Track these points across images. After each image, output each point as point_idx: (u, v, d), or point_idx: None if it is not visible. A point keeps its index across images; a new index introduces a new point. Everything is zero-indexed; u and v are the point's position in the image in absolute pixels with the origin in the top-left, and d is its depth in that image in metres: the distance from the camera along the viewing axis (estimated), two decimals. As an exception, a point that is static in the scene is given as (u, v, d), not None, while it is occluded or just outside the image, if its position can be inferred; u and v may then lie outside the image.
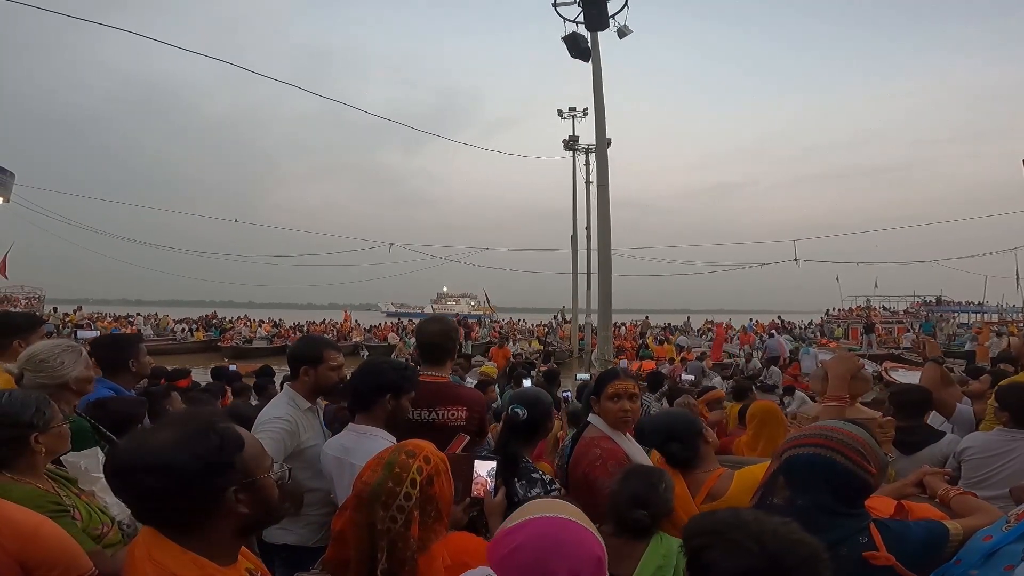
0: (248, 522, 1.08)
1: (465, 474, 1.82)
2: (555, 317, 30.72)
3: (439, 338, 2.45)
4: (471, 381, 6.62)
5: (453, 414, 2.29)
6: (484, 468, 1.83)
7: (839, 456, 1.37)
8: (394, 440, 2.01)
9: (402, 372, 2.08)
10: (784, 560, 0.94)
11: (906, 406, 2.91)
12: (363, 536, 1.36)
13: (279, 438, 2.11)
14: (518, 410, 2.08)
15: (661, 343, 20.50)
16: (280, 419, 2.18)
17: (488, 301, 28.61)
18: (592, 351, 15.56)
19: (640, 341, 23.24)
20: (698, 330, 28.16)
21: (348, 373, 2.31)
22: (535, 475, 1.96)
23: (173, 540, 1.01)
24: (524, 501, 1.80)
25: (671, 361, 15.39)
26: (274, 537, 2.23)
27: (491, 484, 1.83)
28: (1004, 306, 28.45)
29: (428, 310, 63.35)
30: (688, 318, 28.79)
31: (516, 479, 1.94)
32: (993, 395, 2.64)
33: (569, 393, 6.35)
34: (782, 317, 28.10)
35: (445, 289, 72.29)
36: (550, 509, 1.09)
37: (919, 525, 1.40)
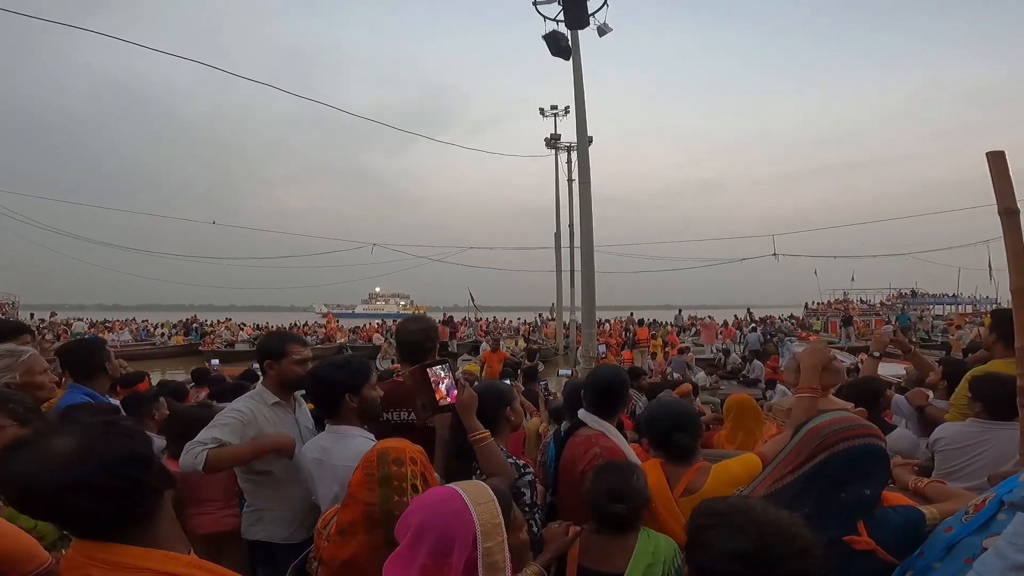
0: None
1: (426, 386, 1.87)
2: (539, 315, 30.80)
3: (417, 336, 2.44)
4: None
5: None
6: (437, 372, 1.89)
7: (883, 443, 1.39)
8: (372, 438, 2.02)
9: (348, 368, 2.06)
10: (775, 550, 0.98)
11: (859, 399, 2.82)
12: (384, 554, 1.36)
13: (227, 424, 2.13)
14: None
15: (654, 336, 20.84)
16: (235, 410, 2.21)
17: (473, 301, 28.51)
18: (577, 348, 15.62)
19: (625, 336, 23.39)
20: (682, 326, 28.37)
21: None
22: (508, 459, 1.94)
23: (127, 544, 0.98)
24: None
25: (653, 356, 15.52)
26: (247, 533, 2.29)
27: (450, 382, 1.88)
28: (978, 297, 29.10)
29: (359, 310, 63.56)
30: (680, 311, 28.84)
31: None
32: (968, 385, 2.63)
33: (545, 382, 6.40)
34: (751, 311, 28.21)
35: (377, 289, 72.83)
36: (461, 484, 1.19)
37: (896, 511, 1.42)
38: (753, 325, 23.13)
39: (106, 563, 0.96)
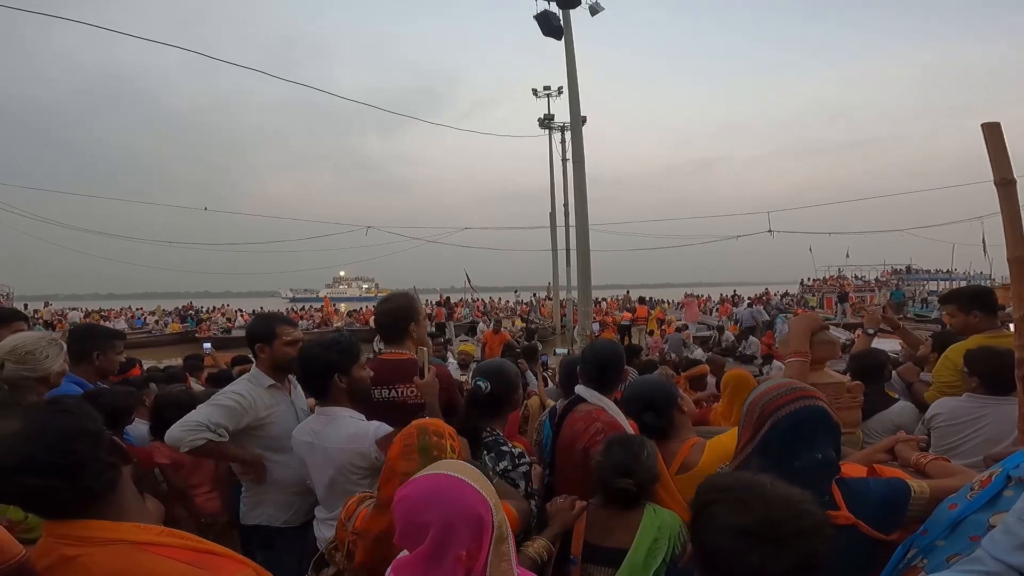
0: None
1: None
2: (535, 295, 30.81)
3: (389, 317, 2.41)
4: (453, 362, 6.59)
5: (413, 391, 2.21)
6: None
7: (822, 403, 1.36)
8: (362, 417, 2.01)
9: (337, 348, 2.03)
10: (784, 527, 0.94)
11: (864, 371, 2.84)
12: None
13: (228, 407, 2.14)
14: (480, 383, 2.04)
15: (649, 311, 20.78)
16: (236, 393, 2.21)
17: (469, 281, 28.50)
18: (575, 327, 15.63)
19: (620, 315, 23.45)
20: (677, 303, 28.41)
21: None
22: (504, 448, 1.91)
23: (93, 519, 0.98)
24: (492, 474, 1.79)
25: (651, 333, 15.54)
26: (246, 518, 2.30)
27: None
28: (972, 273, 29.18)
29: (323, 293, 63.99)
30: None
31: (485, 451, 1.90)
32: (962, 360, 2.60)
33: (546, 357, 6.44)
34: (736, 292, 28.25)
35: (342, 273, 73.41)
36: (442, 468, 1.14)
37: (879, 483, 1.39)
38: (749, 301, 23.16)
39: (78, 539, 0.97)
